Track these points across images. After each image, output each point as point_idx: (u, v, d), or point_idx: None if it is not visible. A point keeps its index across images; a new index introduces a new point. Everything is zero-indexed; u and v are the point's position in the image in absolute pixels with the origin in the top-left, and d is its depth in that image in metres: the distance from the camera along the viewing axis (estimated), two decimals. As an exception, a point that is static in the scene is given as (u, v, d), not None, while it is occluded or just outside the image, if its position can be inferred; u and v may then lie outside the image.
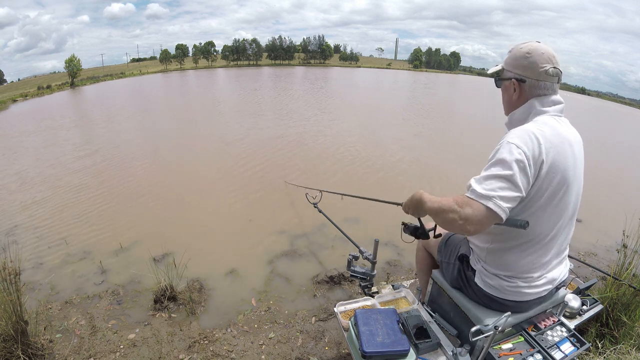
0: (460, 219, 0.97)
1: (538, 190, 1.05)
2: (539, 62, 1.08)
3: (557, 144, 1.05)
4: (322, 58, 77.15)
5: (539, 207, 1.07)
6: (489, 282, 1.23)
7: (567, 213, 1.14)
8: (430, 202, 1.08)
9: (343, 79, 30.29)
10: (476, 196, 0.98)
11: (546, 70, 1.08)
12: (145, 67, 59.41)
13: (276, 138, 7.71)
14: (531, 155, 1.00)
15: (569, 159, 1.08)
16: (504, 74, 1.18)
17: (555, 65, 1.09)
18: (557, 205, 1.10)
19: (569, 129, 1.14)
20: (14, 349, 1.75)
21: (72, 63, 37.70)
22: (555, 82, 1.11)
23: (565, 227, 1.18)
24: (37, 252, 3.19)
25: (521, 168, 0.99)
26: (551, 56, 1.09)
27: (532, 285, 1.20)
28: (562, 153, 1.06)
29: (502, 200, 0.96)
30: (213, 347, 2.09)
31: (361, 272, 1.94)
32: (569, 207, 1.14)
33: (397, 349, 1.25)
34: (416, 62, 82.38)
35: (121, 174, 5.54)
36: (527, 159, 0.99)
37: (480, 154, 2.18)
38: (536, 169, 1.02)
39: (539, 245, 1.14)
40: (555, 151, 1.04)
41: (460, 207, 0.97)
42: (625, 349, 1.67)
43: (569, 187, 1.10)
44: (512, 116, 1.19)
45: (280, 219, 3.85)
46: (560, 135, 1.08)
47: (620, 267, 2.17)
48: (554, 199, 1.08)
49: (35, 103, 19.35)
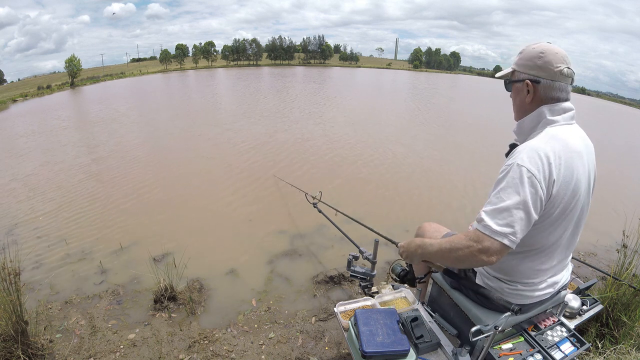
0: (480, 253, 0.96)
1: (550, 209, 1.03)
2: (553, 61, 1.04)
3: (568, 159, 1.02)
4: (322, 58, 77.16)
5: (549, 222, 1.06)
6: (490, 283, 1.23)
7: (575, 221, 1.12)
8: (438, 245, 1.07)
9: (354, 78, 30.37)
10: (490, 232, 0.96)
11: (561, 70, 1.04)
12: (145, 67, 59.37)
13: (277, 139, 7.71)
14: (542, 177, 0.97)
15: (580, 171, 1.05)
16: (516, 75, 1.12)
17: (569, 66, 1.05)
18: (567, 216, 1.08)
19: (579, 138, 1.09)
20: (14, 349, 1.75)
21: (72, 63, 37.71)
22: (569, 84, 1.07)
23: (573, 234, 1.16)
24: (37, 252, 3.19)
25: (533, 194, 0.97)
26: (564, 56, 1.06)
27: (533, 289, 1.20)
28: (573, 167, 1.03)
29: (518, 234, 0.96)
30: (213, 347, 2.09)
31: (361, 272, 1.94)
32: (577, 215, 1.12)
33: (397, 349, 1.25)
34: (416, 62, 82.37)
35: (121, 174, 5.53)
36: (538, 182, 0.97)
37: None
38: (548, 190, 1.00)
39: (543, 253, 1.13)
40: (566, 166, 1.01)
41: (477, 242, 0.97)
42: (625, 349, 1.67)
43: (580, 198, 1.07)
44: (522, 123, 1.13)
45: (280, 219, 3.85)
46: (570, 148, 1.04)
47: (620, 267, 2.17)
48: (564, 212, 1.06)
49: (36, 103, 19.35)
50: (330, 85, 23.41)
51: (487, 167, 5.91)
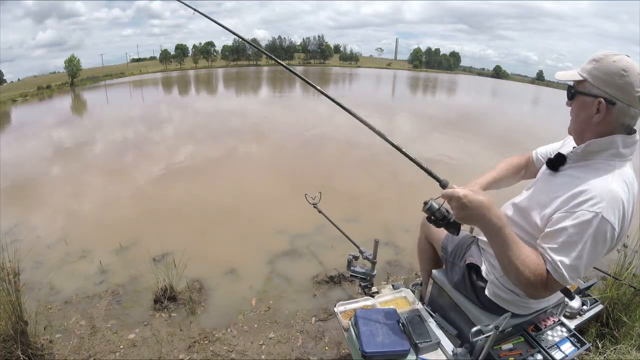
0: (543, 293, 0.96)
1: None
2: (635, 84, 0.89)
3: (633, 206, 0.97)
4: (322, 58, 77.18)
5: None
6: (502, 295, 1.19)
7: None
8: (512, 237, 0.93)
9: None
10: (563, 282, 0.93)
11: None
12: (145, 67, 59.41)
13: (278, 139, 7.71)
14: (619, 231, 0.93)
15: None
16: (587, 87, 0.96)
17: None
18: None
19: (634, 174, 1.00)
20: (14, 349, 1.75)
21: (71, 63, 37.73)
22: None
23: None
24: (37, 252, 3.19)
25: (608, 248, 0.93)
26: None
27: (542, 301, 1.21)
28: (633, 209, 0.98)
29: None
30: (213, 347, 2.09)
31: (361, 272, 1.94)
32: None
33: (397, 349, 1.25)
34: (416, 62, 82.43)
35: (121, 174, 5.53)
36: (617, 237, 0.93)
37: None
38: (618, 242, 0.98)
39: None
40: (631, 215, 0.97)
41: (543, 286, 0.93)
42: (626, 349, 1.67)
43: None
44: (590, 146, 0.98)
45: (280, 218, 3.85)
46: (633, 190, 0.97)
47: (620, 267, 2.17)
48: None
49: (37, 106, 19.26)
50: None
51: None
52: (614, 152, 0.96)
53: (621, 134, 0.96)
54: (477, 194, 0.93)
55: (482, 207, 0.92)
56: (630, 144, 0.97)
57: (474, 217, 0.94)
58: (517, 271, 0.92)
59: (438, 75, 55.85)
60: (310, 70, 47.93)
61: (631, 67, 0.90)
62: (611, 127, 0.95)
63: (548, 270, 0.93)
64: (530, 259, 0.93)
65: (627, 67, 0.90)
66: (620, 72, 0.90)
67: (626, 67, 0.90)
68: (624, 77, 0.90)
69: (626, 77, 0.90)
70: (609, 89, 0.92)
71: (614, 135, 0.95)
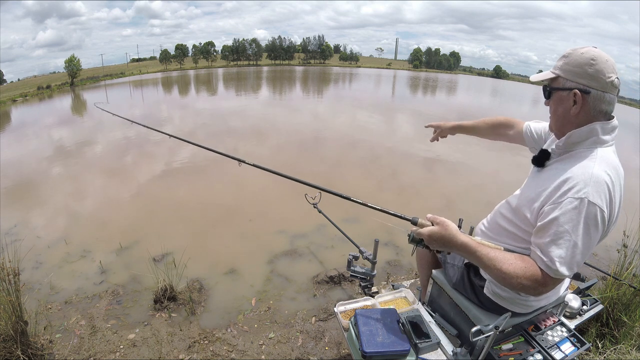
0: (542, 291, 0.95)
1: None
2: (605, 70, 0.94)
3: (619, 187, 0.98)
4: (322, 58, 77.17)
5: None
6: (500, 293, 1.20)
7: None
8: (486, 256, 0.96)
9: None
10: (558, 277, 0.93)
11: (612, 80, 0.95)
12: (145, 67, 59.43)
13: (278, 139, 7.71)
14: (609, 214, 0.94)
15: (620, 196, 1.00)
16: (560, 82, 1.01)
17: (617, 76, 0.96)
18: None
19: (617, 158, 1.03)
20: (14, 349, 1.75)
21: (71, 63, 37.73)
22: (616, 95, 0.99)
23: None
24: (37, 252, 3.19)
25: (601, 232, 0.94)
26: (614, 64, 0.96)
27: (543, 298, 1.21)
28: (621, 195, 0.99)
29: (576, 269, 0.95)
30: (213, 347, 2.09)
31: (361, 272, 1.94)
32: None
33: (397, 349, 1.25)
34: (416, 62, 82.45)
35: (121, 174, 5.53)
36: (608, 221, 0.94)
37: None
38: (608, 227, 0.97)
39: None
40: (618, 196, 0.97)
41: (541, 285, 0.93)
42: (626, 349, 1.67)
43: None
44: (570, 137, 1.01)
45: (280, 218, 3.85)
46: (618, 174, 0.98)
47: (620, 267, 2.17)
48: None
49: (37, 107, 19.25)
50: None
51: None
52: (594, 139, 0.99)
53: (600, 120, 0.99)
54: (441, 229, 1.02)
55: (444, 239, 1.02)
56: (610, 129, 1.00)
57: (443, 246, 1.03)
58: (508, 280, 0.94)
59: (438, 75, 55.88)
60: (310, 70, 47.91)
61: (599, 56, 0.95)
62: (589, 116, 0.99)
63: (541, 268, 0.94)
64: (515, 264, 0.94)
65: (595, 56, 0.95)
66: (589, 62, 0.95)
67: (594, 56, 0.95)
68: (594, 66, 0.95)
69: (595, 65, 0.94)
70: (581, 80, 0.96)
71: (592, 123, 0.98)
